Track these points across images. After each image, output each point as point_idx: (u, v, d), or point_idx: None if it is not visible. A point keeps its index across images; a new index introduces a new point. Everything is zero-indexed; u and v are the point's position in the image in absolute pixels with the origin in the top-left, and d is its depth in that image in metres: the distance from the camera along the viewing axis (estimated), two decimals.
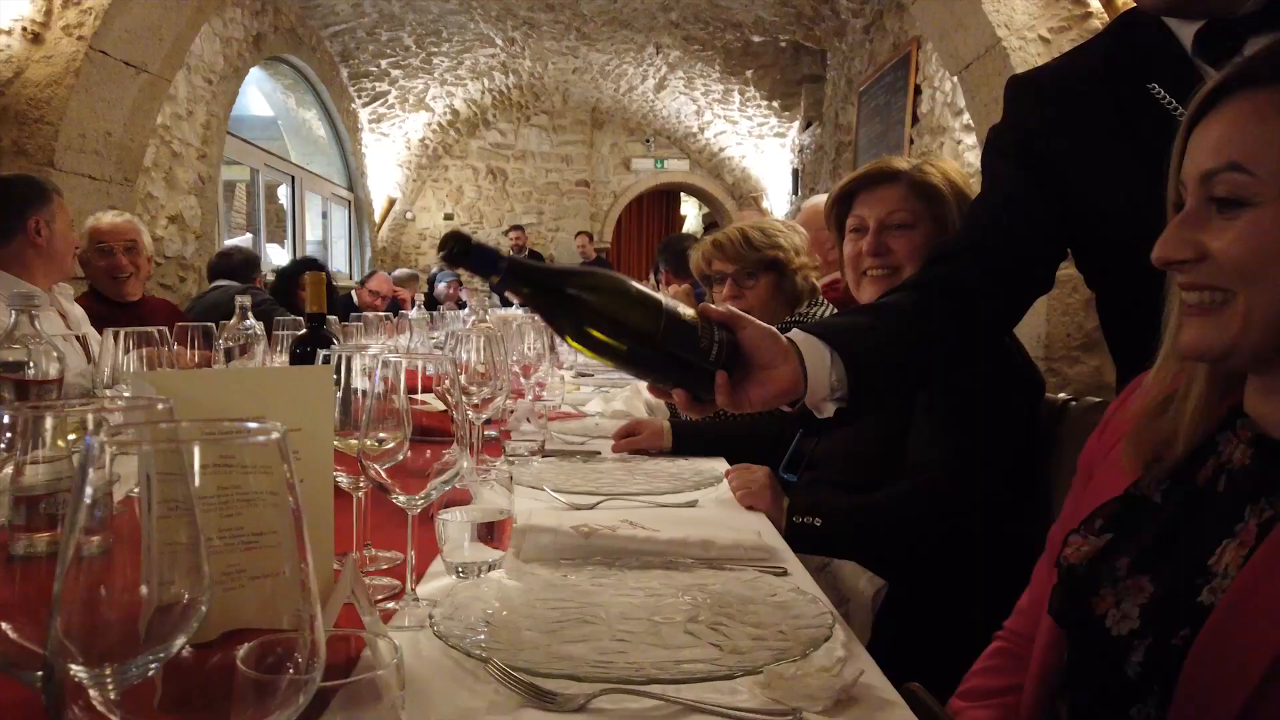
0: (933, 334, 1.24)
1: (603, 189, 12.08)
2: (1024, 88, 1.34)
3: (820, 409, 1.16)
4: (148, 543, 0.51)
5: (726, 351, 1.10)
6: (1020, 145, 1.31)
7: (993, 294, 1.29)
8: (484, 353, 1.72)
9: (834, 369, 1.13)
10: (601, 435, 2.29)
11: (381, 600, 1.10)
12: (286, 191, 8.79)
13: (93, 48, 3.90)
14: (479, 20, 8.66)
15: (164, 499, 0.52)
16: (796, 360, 1.12)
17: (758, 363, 1.11)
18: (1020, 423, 1.62)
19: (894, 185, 1.79)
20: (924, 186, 1.76)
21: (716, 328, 1.10)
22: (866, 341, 1.17)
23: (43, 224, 2.94)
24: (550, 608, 1.06)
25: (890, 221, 1.76)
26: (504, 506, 1.23)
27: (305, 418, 0.99)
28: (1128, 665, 0.86)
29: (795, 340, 1.14)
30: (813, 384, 1.12)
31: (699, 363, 1.09)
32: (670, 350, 1.08)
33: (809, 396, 1.13)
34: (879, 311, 1.24)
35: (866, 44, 7.39)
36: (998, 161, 1.35)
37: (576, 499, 1.59)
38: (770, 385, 1.11)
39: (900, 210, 1.76)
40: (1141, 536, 0.92)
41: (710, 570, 1.20)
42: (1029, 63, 3.78)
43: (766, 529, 1.46)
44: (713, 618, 1.03)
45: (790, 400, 1.15)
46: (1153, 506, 0.94)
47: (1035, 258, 1.32)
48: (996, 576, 1.65)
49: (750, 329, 1.11)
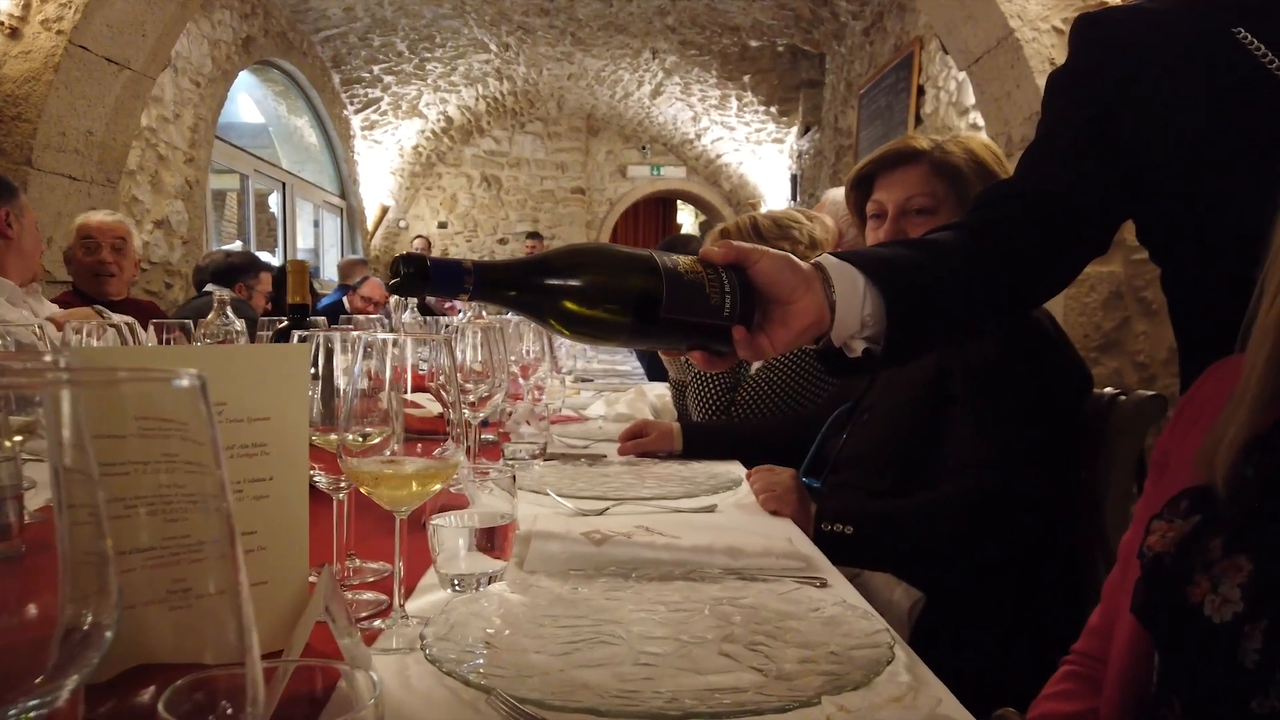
0: (981, 279, 1.10)
1: (598, 196, 11.96)
2: (1095, 26, 1.20)
3: (849, 346, 1.03)
4: None
5: (741, 300, 0.97)
6: (1086, 90, 1.17)
7: (1045, 246, 1.15)
8: (481, 349, 1.58)
9: (868, 300, 1.00)
10: (606, 439, 2.15)
11: (366, 618, 0.95)
12: (277, 199, 8.65)
13: (72, 42, 3.76)
14: (473, 25, 8.54)
15: None
16: (821, 288, 0.99)
17: (777, 298, 0.98)
18: (1069, 420, 1.49)
19: (914, 166, 1.65)
20: (945, 167, 1.63)
21: (724, 274, 0.97)
22: (909, 275, 1.04)
23: (12, 217, 2.81)
24: (560, 626, 0.91)
25: (910, 206, 1.63)
26: (505, 511, 1.08)
27: (275, 406, 0.85)
28: (1242, 654, 0.74)
29: (824, 266, 1.01)
30: (841, 314, 0.99)
31: (712, 321, 0.96)
32: (677, 318, 0.94)
33: (836, 330, 1.00)
34: (923, 246, 1.10)
35: (866, 46, 7.29)
36: (1061, 105, 1.22)
37: (583, 504, 1.45)
38: (793, 322, 0.98)
39: (920, 194, 1.63)
40: (1234, 514, 0.80)
41: (740, 581, 1.05)
42: (1042, 55, 3.67)
43: (797, 535, 1.31)
44: (750, 636, 0.88)
45: (815, 336, 1.02)
46: (1242, 480, 0.81)
47: (1093, 214, 1.18)
48: (1045, 587, 1.51)
49: (763, 261, 0.98)
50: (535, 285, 0.91)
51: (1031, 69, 3.63)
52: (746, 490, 1.58)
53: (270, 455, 0.85)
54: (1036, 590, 1.49)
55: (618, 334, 0.95)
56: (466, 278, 0.88)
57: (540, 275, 0.91)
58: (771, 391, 2.22)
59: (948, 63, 5.41)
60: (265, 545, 0.85)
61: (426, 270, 0.87)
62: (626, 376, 4.01)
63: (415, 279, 0.87)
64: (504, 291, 0.91)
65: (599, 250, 0.95)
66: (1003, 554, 1.48)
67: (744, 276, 0.99)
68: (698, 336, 0.99)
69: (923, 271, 1.06)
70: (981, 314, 1.13)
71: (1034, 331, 1.49)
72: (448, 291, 0.89)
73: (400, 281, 0.87)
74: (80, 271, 3.31)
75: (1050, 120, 1.24)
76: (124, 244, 3.30)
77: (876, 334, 1.02)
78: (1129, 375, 3.68)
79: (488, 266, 0.90)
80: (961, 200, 1.61)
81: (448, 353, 0.93)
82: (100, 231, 3.27)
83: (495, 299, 0.91)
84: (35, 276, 3.00)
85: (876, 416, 1.66)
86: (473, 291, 0.89)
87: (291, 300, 1.73)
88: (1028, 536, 1.47)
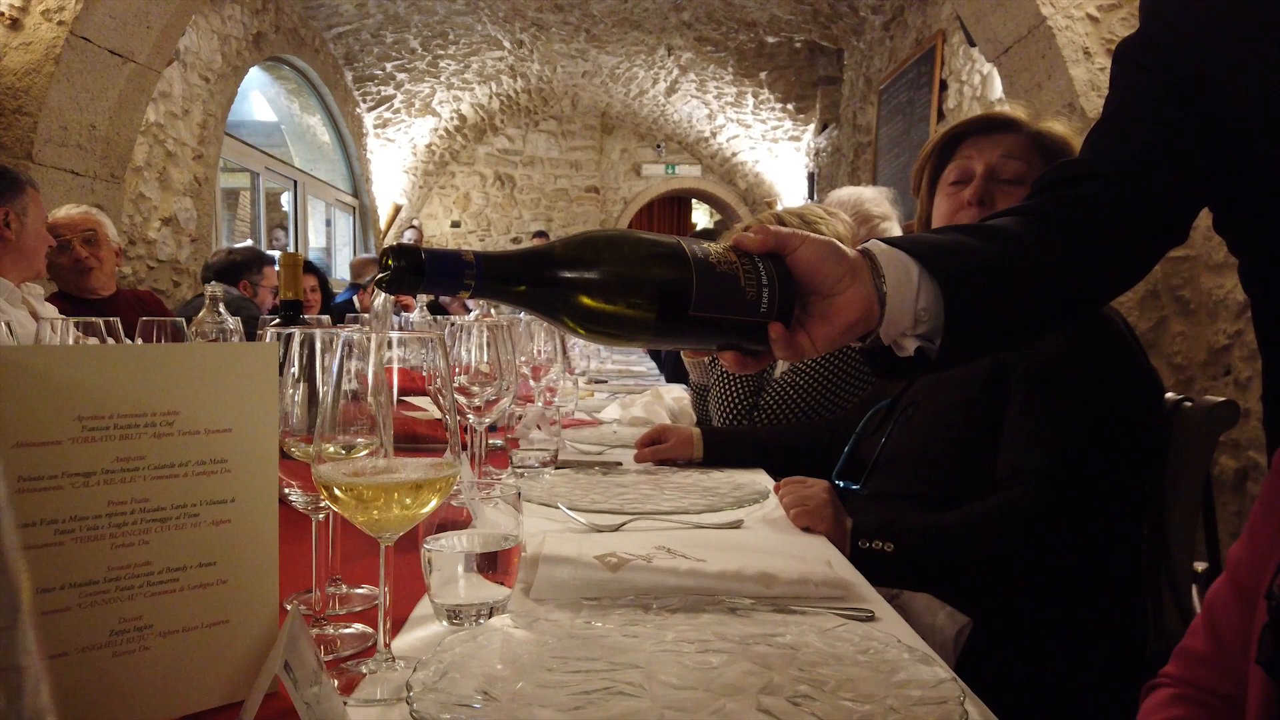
0: (1051, 269, 0.97)
1: (613, 195, 11.84)
2: None
3: (900, 345, 0.91)
4: None
5: (780, 294, 0.84)
6: (1164, 57, 1.03)
7: (1118, 234, 1.01)
8: (488, 349, 1.45)
9: (923, 292, 0.88)
10: (621, 444, 2.03)
11: (347, 659, 0.83)
12: (289, 197, 8.56)
13: (74, 34, 3.66)
14: (486, 22, 8.42)
15: None
16: (869, 279, 0.87)
17: (819, 290, 0.86)
18: (1138, 426, 1.35)
19: (1013, 134, 1.52)
20: (1046, 139, 1.49)
21: (761, 263, 0.85)
22: (968, 263, 0.91)
23: (13, 216, 2.70)
24: (571, 671, 0.78)
25: (1002, 171, 1.49)
26: (509, 531, 0.96)
27: (238, 415, 0.72)
28: None
29: (872, 253, 0.89)
30: (893, 308, 0.87)
31: (747, 318, 0.84)
32: (707, 315, 0.82)
33: (886, 326, 0.88)
34: (983, 232, 0.97)
35: (886, 41, 7.14)
36: (1134, 76, 1.07)
37: (597, 518, 1.32)
38: (837, 317, 0.86)
39: (1016, 160, 1.49)
40: None
41: (777, 614, 0.92)
42: (1075, 44, 3.52)
43: (836, 557, 1.18)
44: (792, 686, 0.75)
45: (862, 333, 0.89)
46: None
47: (1172, 197, 1.04)
48: (1104, 612, 1.37)
49: (804, 248, 0.86)
50: (546, 279, 0.79)
51: (1064, 59, 3.48)
52: (775, 504, 1.45)
53: (232, 473, 0.73)
54: (1095, 615, 1.35)
55: (641, 333, 0.83)
56: (467, 272, 0.75)
57: (552, 268, 0.79)
58: (798, 395, 2.09)
59: (972, 56, 5.26)
60: (226, 578, 0.73)
61: (421, 263, 0.74)
62: (642, 377, 3.88)
63: (408, 274, 0.74)
64: (511, 286, 0.79)
65: (619, 238, 0.83)
66: (1057, 574, 1.34)
67: (782, 266, 0.86)
68: (730, 335, 0.86)
69: (985, 259, 0.92)
70: (1050, 310, 1.00)
71: (1104, 330, 1.35)
72: (446, 288, 0.76)
73: (390, 277, 0.74)
74: (58, 271, 3.18)
75: (1120, 91, 1.10)
76: (96, 234, 3.16)
77: (931, 330, 0.90)
78: (1165, 378, 3.53)
79: (492, 258, 0.77)
80: None
81: (442, 353, 0.81)
82: (67, 226, 3.14)
83: (501, 295, 0.79)
84: (37, 274, 2.89)
85: (922, 416, 1.53)
86: (475, 287, 0.76)
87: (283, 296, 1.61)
88: (1085, 555, 1.34)
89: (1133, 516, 1.38)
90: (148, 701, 0.69)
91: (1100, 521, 1.32)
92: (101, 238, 3.17)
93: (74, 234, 3.14)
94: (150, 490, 0.69)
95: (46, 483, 0.64)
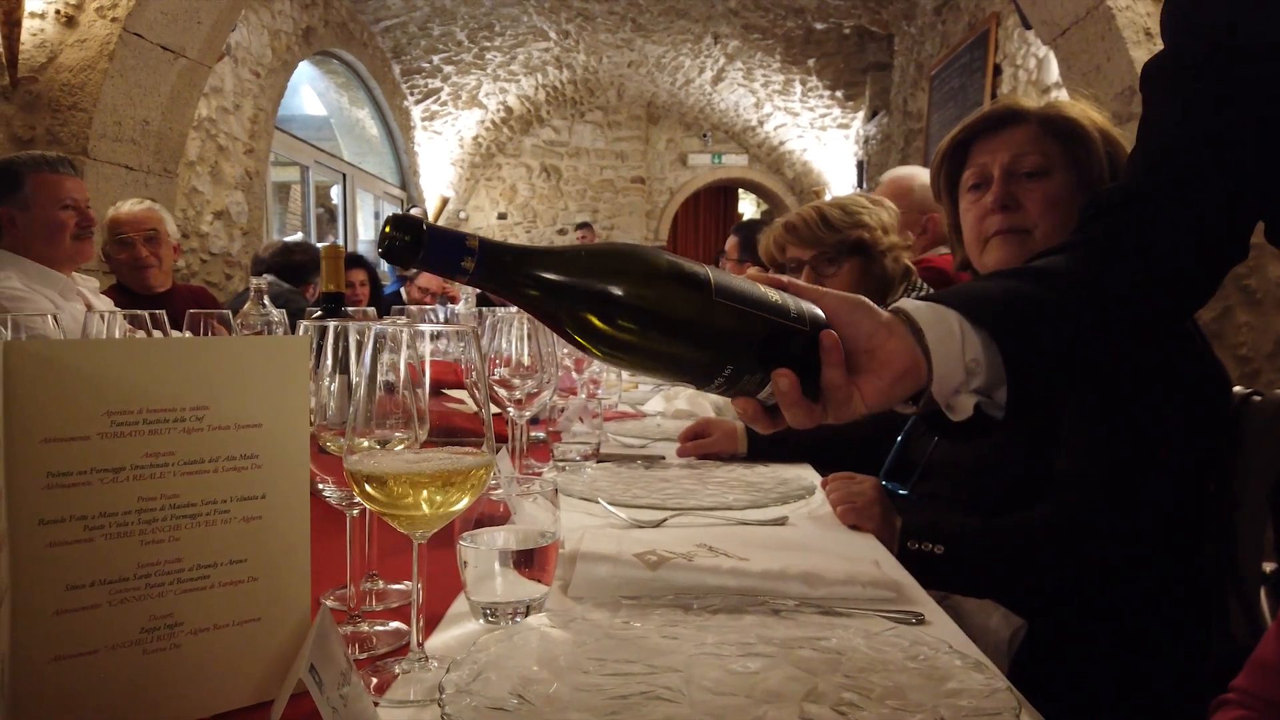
0: (1111, 304, 0.91)
1: (658, 185, 11.79)
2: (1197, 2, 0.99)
3: (954, 406, 0.83)
4: None
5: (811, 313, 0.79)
6: (1215, 63, 0.95)
7: (1181, 256, 0.94)
8: (529, 341, 1.43)
9: (968, 343, 0.81)
10: (664, 438, 2.00)
11: (382, 658, 0.81)
12: (339, 190, 8.66)
13: (127, 30, 3.72)
14: (532, 13, 8.43)
15: None
16: (905, 333, 0.80)
17: (853, 342, 0.79)
18: (1203, 426, 1.28)
19: (1019, 128, 1.46)
20: (1059, 123, 1.42)
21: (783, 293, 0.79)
22: (1016, 308, 0.84)
23: (16, 213, 2.72)
24: (607, 674, 0.76)
25: (1019, 168, 1.43)
26: (547, 528, 0.94)
27: (269, 409, 0.71)
28: None
29: (904, 309, 0.82)
30: (939, 363, 0.80)
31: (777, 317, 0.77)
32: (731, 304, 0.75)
33: (936, 384, 0.81)
34: (1027, 275, 0.90)
35: (938, 25, 6.99)
36: (1184, 84, 1.00)
37: (638, 514, 1.30)
38: (884, 370, 0.79)
39: (1032, 153, 1.42)
40: None
41: (822, 616, 0.89)
42: (1136, 25, 3.40)
43: (885, 557, 1.15)
44: (837, 693, 0.72)
45: (914, 389, 0.82)
46: None
47: (1233, 212, 0.97)
48: (1167, 617, 1.31)
49: (827, 298, 0.80)
50: (548, 279, 0.72)
51: (1125, 39, 3.37)
52: (821, 500, 1.41)
53: (263, 468, 0.71)
54: (1156, 622, 1.30)
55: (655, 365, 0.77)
56: (466, 257, 0.69)
57: (562, 270, 0.73)
58: None
59: (1027, 39, 5.13)
60: (257, 575, 0.72)
61: (421, 237, 0.69)
62: None
63: (407, 247, 0.69)
64: (512, 282, 0.72)
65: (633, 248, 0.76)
66: (1119, 577, 1.29)
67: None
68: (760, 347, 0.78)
69: (1032, 299, 0.86)
70: (1114, 341, 0.93)
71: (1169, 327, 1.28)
72: (442, 268, 0.70)
73: (388, 247, 0.69)
74: (119, 268, 3.23)
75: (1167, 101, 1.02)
76: (157, 234, 3.20)
77: (989, 383, 0.82)
78: (1230, 370, 3.40)
79: (496, 248, 0.71)
80: (1077, 160, 1.40)
81: (475, 346, 0.79)
82: (131, 225, 3.18)
83: (502, 289, 0.72)
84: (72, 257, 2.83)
85: None
86: (473, 274, 0.71)
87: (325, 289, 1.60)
88: (1146, 560, 1.28)
89: (1196, 518, 1.32)
90: (178, 700, 0.68)
91: (1161, 528, 1.26)
92: (162, 236, 3.22)
93: (137, 233, 3.18)
94: (180, 486, 0.68)
95: (76, 478, 0.64)
